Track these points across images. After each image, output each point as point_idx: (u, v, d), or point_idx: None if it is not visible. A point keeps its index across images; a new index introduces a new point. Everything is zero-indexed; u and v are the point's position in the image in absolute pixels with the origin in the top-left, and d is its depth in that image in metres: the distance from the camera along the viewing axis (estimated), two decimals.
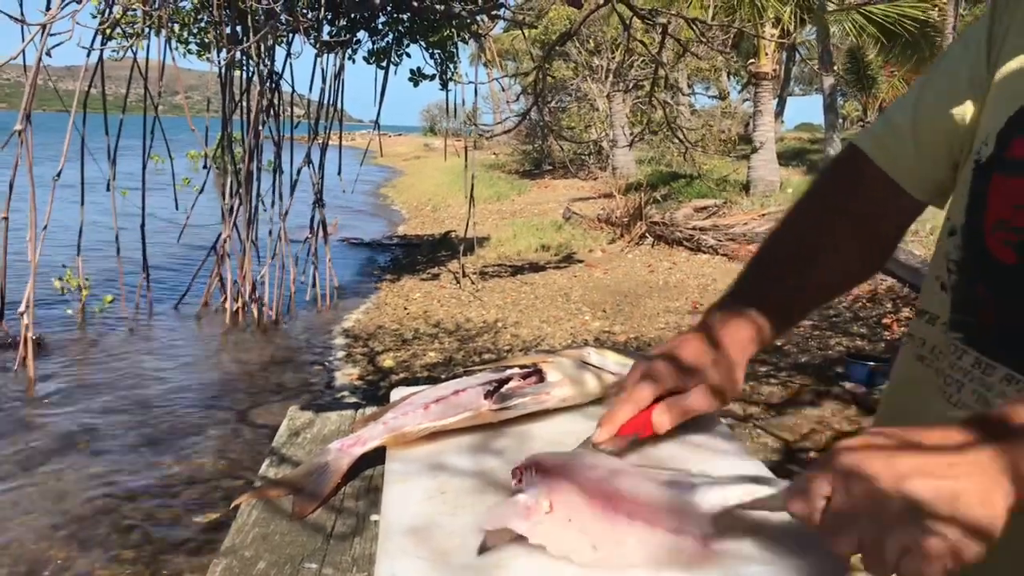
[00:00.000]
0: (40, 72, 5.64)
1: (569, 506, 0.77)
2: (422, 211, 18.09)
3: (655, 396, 0.95)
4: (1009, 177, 0.86)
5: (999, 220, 0.87)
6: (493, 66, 9.39)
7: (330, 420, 1.25)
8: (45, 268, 6.74)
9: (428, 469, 0.95)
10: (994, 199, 0.88)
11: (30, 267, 5.88)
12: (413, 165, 32.21)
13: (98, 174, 7.08)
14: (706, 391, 0.96)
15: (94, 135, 6.96)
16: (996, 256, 0.87)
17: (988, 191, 0.88)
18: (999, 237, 0.87)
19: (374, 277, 10.23)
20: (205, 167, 7.99)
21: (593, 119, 20.40)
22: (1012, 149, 0.87)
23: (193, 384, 6.05)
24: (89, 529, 3.81)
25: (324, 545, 0.86)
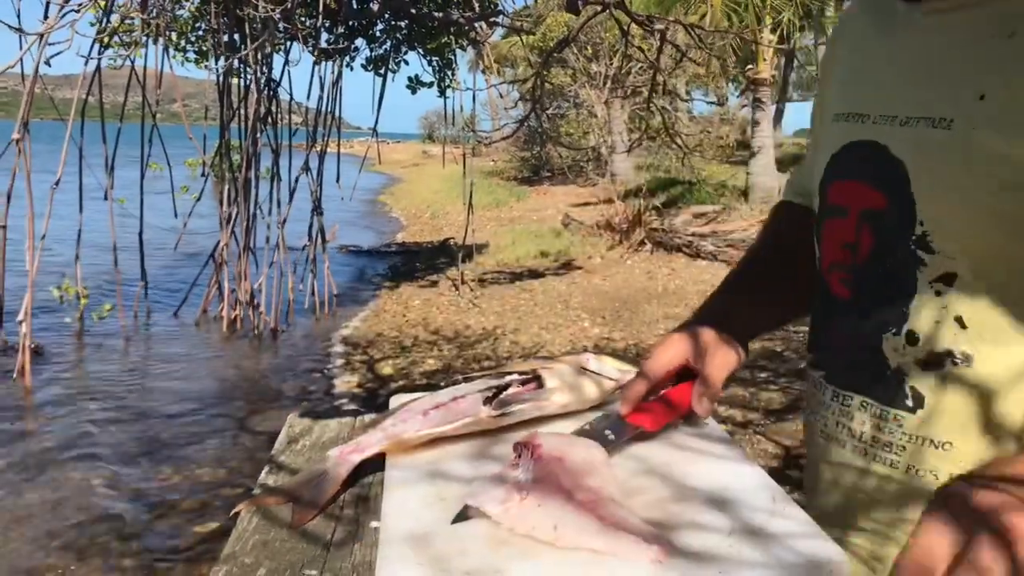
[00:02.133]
0: (38, 81, 5.65)
1: (542, 494, 0.80)
2: (421, 218, 18.10)
3: (668, 369, 1.01)
4: (834, 220, 0.96)
5: (833, 261, 0.97)
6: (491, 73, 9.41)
7: (329, 427, 1.25)
8: (44, 277, 6.74)
9: (427, 476, 0.95)
10: (827, 243, 0.98)
11: (28, 276, 5.87)
12: (411, 172, 32.24)
13: (96, 183, 7.08)
14: (725, 352, 1.01)
15: (92, 143, 6.96)
16: (835, 293, 0.97)
17: (823, 236, 0.99)
18: (835, 276, 0.96)
19: (373, 284, 10.23)
20: (203, 175, 7.99)
21: (591, 125, 20.43)
22: (830, 196, 0.97)
23: (192, 392, 6.05)
24: (88, 538, 3.80)
25: (324, 552, 0.85)
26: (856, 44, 1.02)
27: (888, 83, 0.92)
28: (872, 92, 0.94)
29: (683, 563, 0.72)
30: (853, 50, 1.02)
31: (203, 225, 8.77)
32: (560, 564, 0.74)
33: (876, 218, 0.90)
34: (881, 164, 0.89)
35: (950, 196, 0.83)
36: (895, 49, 0.93)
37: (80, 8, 4.89)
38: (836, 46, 1.09)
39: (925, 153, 0.85)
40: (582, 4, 4.87)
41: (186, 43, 8.36)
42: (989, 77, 0.81)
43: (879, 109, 0.91)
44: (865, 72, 0.97)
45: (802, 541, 0.76)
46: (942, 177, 0.84)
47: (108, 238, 7.59)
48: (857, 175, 0.93)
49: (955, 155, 0.82)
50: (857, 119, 0.94)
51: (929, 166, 0.85)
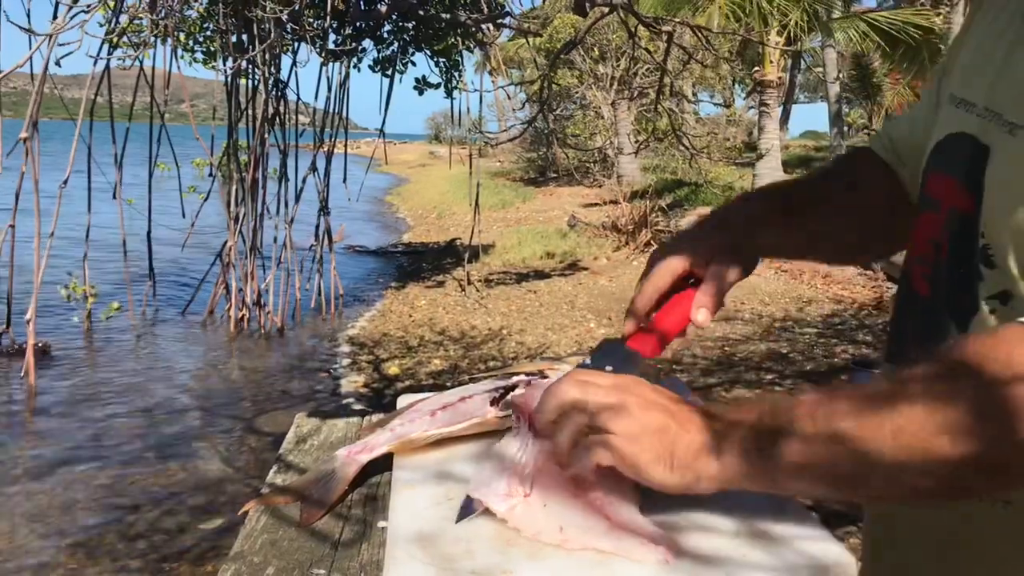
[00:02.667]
0: (46, 81, 5.67)
1: (547, 493, 0.81)
2: (427, 219, 18.11)
3: (672, 276, 0.96)
4: (926, 213, 0.91)
5: (919, 255, 0.92)
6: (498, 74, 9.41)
7: (337, 427, 1.25)
8: (52, 276, 6.76)
9: (435, 476, 0.95)
10: (918, 235, 0.92)
11: (36, 274, 5.89)
12: (418, 173, 32.26)
13: (105, 182, 7.10)
14: (730, 260, 0.96)
15: (101, 143, 6.98)
16: (916, 290, 0.92)
17: (917, 227, 0.93)
18: (918, 271, 0.91)
19: (379, 285, 10.24)
20: (211, 175, 8.02)
21: (598, 127, 20.42)
22: (928, 186, 0.92)
23: (199, 391, 6.06)
24: (96, 537, 3.81)
25: (332, 551, 0.86)
26: (989, 23, 0.91)
27: (996, 76, 0.84)
28: (981, 80, 0.86)
29: (690, 564, 0.73)
30: (985, 28, 0.92)
31: (211, 225, 8.79)
32: (567, 564, 0.74)
33: (961, 219, 0.84)
34: (974, 162, 0.82)
35: (1009, 208, 0.77)
36: (1007, 40, 0.85)
37: (89, 9, 4.91)
38: (977, 15, 0.96)
39: (1002, 157, 0.79)
40: (589, 6, 4.87)
41: (195, 43, 8.38)
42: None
43: (986, 100, 0.83)
44: (984, 56, 0.88)
45: (809, 543, 0.76)
46: (1004, 185, 0.78)
47: (116, 237, 7.61)
48: (951, 170, 0.87)
49: (1015, 163, 0.77)
50: (965, 107, 0.87)
51: (1000, 173, 0.79)
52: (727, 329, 7.22)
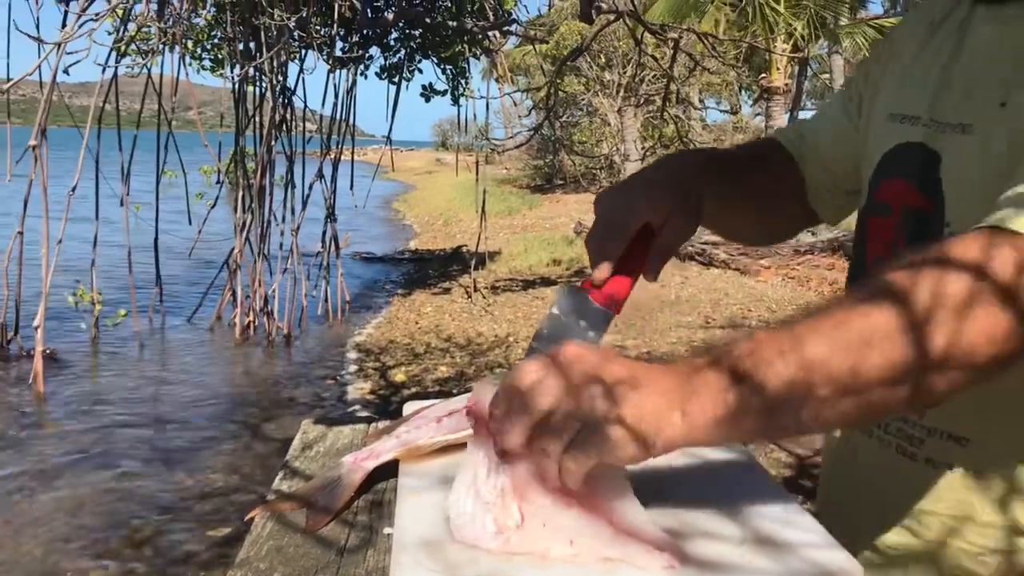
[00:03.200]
0: (55, 88, 5.70)
1: (542, 513, 0.77)
2: (434, 225, 18.13)
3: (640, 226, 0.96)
4: (879, 218, 1.00)
5: (877, 257, 0.99)
6: (505, 81, 9.43)
7: (343, 434, 1.25)
8: (59, 282, 6.78)
9: (441, 482, 0.95)
10: (872, 240, 1.01)
11: (44, 281, 5.92)
12: (425, 180, 32.31)
13: (112, 190, 7.12)
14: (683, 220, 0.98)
15: (108, 150, 7.01)
16: None
17: (867, 234, 1.02)
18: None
19: (386, 291, 10.25)
20: (218, 182, 8.04)
21: (604, 133, 20.43)
22: (878, 193, 1.01)
23: (205, 398, 6.07)
24: (102, 543, 3.82)
25: (337, 558, 0.86)
26: (916, 48, 1.04)
27: (936, 89, 0.95)
28: (920, 95, 0.97)
29: (695, 572, 0.73)
30: (913, 53, 1.04)
31: (218, 231, 8.82)
32: (572, 570, 0.74)
33: (917, 218, 0.94)
34: (926, 166, 0.93)
35: (973, 199, 0.85)
36: (944, 56, 0.96)
37: (98, 17, 4.93)
38: (896, 43, 1.09)
39: (955, 156, 0.90)
40: (596, 13, 4.88)
41: (202, 51, 8.42)
42: (1011, 86, 0.85)
43: (929, 113, 0.95)
44: (920, 76, 1.00)
45: (815, 551, 0.76)
46: (966, 180, 0.88)
47: (123, 244, 7.64)
48: (903, 174, 0.97)
49: (975, 159, 0.87)
50: (909, 120, 0.97)
51: (957, 169, 0.89)
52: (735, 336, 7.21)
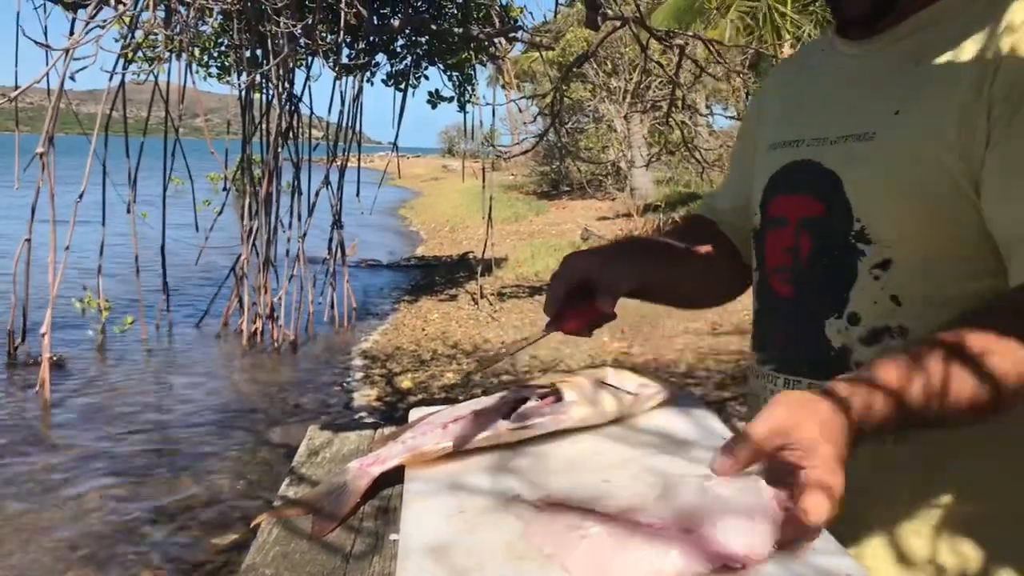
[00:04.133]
0: (63, 96, 5.72)
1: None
2: (440, 232, 18.14)
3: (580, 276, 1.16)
4: (776, 231, 1.12)
5: (775, 266, 1.13)
6: (511, 88, 9.45)
7: (349, 440, 1.25)
8: (67, 289, 6.80)
9: (447, 488, 0.95)
10: (770, 250, 1.14)
11: (51, 288, 5.93)
12: (431, 186, 32.35)
13: (119, 197, 7.15)
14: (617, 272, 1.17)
15: (115, 158, 7.04)
16: (778, 293, 1.12)
17: (765, 247, 1.15)
18: (778, 277, 1.12)
19: (392, 298, 10.25)
20: (225, 189, 8.06)
21: (611, 140, 20.43)
22: (772, 209, 1.14)
23: (212, 404, 6.08)
24: (108, 549, 3.82)
25: (343, 564, 0.86)
26: (787, 86, 1.24)
27: (817, 112, 1.11)
28: (804, 120, 1.12)
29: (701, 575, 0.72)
30: (784, 91, 1.23)
31: (224, 238, 8.84)
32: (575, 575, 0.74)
33: (814, 223, 1.07)
34: (817, 178, 1.06)
35: (880, 195, 1.00)
36: (822, 85, 1.13)
37: (105, 24, 4.96)
38: (768, 90, 1.31)
39: (855, 163, 1.02)
40: (601, 20, 4.88)
41: (209, 58, 8.45)
42: (901, 97, 1.00)
43: (811, 133, 1.09)
44: (796, 107, 1.17)
45: (819, 556, 0.75)
46: (871, 180, 1.01)
47: (130, 251, 7.66)
48: (795, 189, 1.11)
49: (879, 161, 1.00)
50: (792, 144, 1.12)
51: (859, 172, 1.02)
52: (742, 343, 7.20)
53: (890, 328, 1.01)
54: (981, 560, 0.99)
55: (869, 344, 1.02)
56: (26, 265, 6.17)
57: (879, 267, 1.01)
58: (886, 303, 1.01)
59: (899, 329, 1.00)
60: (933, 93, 0.97)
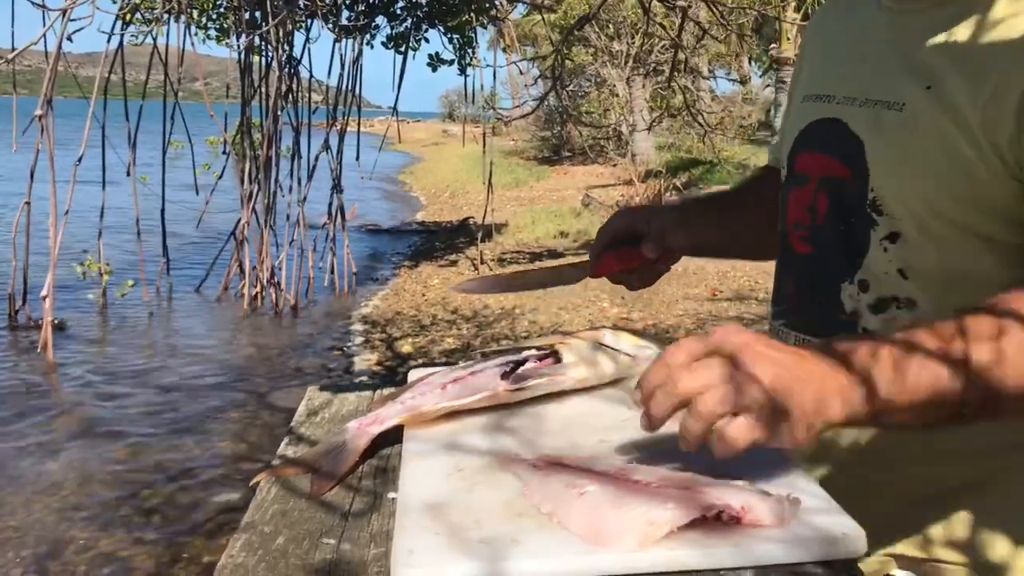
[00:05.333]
0: (60, 59, 5.67)
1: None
2: (440, 197, 18.09)
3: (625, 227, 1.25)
4: (798, 188, 1.11)
5: (796, 222, 1.11)
6: (512, 51, 9.37)
7: (348, 400, 1.26)
8: (67, 253, 6.80)
9: (445, 448, 0.96)
10: (791, 206, 1.12)
11: (51, 252, 5.93)
12: (431, 151, 32.22)
13: (119, 161, 7.12)
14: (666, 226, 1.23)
15: (114, 121, 6.99)
16: (797, 250, 1.11)
17: (788, 202, 1.13)
18: (797, 235, 1.11)
19: (392, 263, 10.25)
20: (224, 153, 8.02)
21: (612, 104, 20.31)
22: (796, 166, 1.13)
23: (213, 368, 6.10)
24: (111, 510, 3.85)
25: (342, 522, 0.86)
26: (828, 31, 1.20)
27: (852, 70, 1.07)
28: (837, 77, 1.09)
29: (699, 536, 0.73)
30: (826, 39, 1.20)
31: (224, 202, 8.81)
32: (575, 535, 0.74)
33: (834, 185, 1.05)
34: (842, 139, 1.04)
35: (898, 167, 0.98)
36: (860, 38, 1.09)
37: None
38: (812, 32, 1.27)
39: (879, 130, 1.00)
40: None
41: (208, 20, 8.37)
42: (936, 72, 0.96)
43: (843, 91, 1.07)
44: (833, 59, 1.14)
45: (818, 516, 0.76)
46: (892, 151, 0.99)
47: (130, 215, 7.64)
48: (820, 148, 1.09)
49: (904, 133, 0.97)
50: (823, 99, 1.10)
51: (882, 141, 1.00)
52: (742, 308, 7.22)
53: (897, 299, 1.00)
54: (976, 527, 0.99)
55: (876, 312, 1.02)
56: (26, 228, 6.16)
57: (888, 239, 1.00)
58: (894, 275, 1.00)
59: (907, 301, 1.00)
60: (964, 75, 0.93)
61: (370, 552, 0.79)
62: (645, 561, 0.71)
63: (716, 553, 0.71)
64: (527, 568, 0.70)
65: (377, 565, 0.77)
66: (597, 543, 0.72)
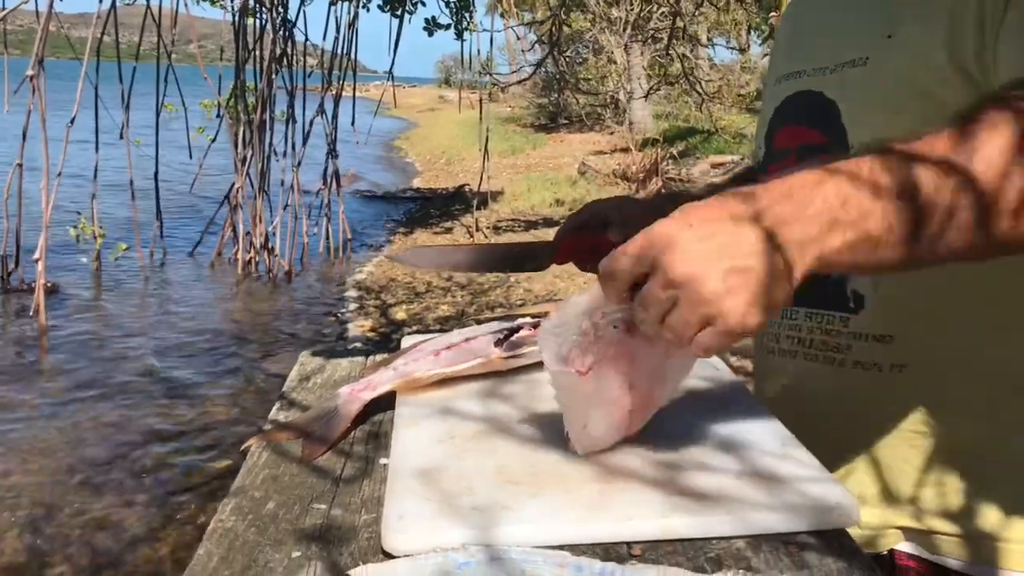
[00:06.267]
0: (52, 18, 5.61)
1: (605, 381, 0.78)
2: (436, 164, 18.01)
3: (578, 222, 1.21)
4: (779, 163, 1.11)
5: None
6: (509, 15, 9.28)
7: (340, 366, 1.25)
8: (60, 216, 6.76)
9: (438, 414, 0.95)
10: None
11: (44, 214, 5.89)
12: (427, 117, 32.03)
13: (112, 123, 7.06)
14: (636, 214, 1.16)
15: (107, 83, 6.92)
16: None
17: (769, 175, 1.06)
18: None
19: (387, 230, 10.22)
20: (218, 116, 7.96)
21: (610, 71, 20.17)
22: (776, 142, 1.14)
23: (207, 332, 6.09)
24: (104, 474, 3.86)
25: (333, 487, 0.86)
26: (796, 14, 1.23)
27: (818, 40, 1.10)
28: (806, 50, 1.12)
29: (692, 503, 0.73)
30: (795, 22, 1.22)
31: (218, 166, 8.75)
32: (567, 500, 0.74)
33: (813, 152, 1.04)
34: (817, 107, 1.05)
35: (872, 119, 0.98)
36: (823, 9, 1.12)
37: None
38: (783, 23, 1.28)
39: (850, 89, 1.01)
40: None
41: None
42: (895, 18, 0.97)
43: (812, 63, 1.08)
44: (801, 37, 1.17)
45: (811, 485, 0.76)
46: (864, 105, 1.00)
47: (124, 178, 7.59)
48: (797, 120, 1.10)
49: (871, 85, 0.98)
50: (796, 76, 1.11)
51: (853, 99, 1.01)
52: None
53: None
54: (969, 496, 0.99)
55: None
56: (18, 190, 6.11)
57: None
58: None
59: None
60: (923, 14, 0.94)
61: (361, 517, 0.79)
62: (637, 529, 0.71)
63: (709, 522, 0.71)
64: (519, 534, 0.70)
65: (368, 531, 0.76)
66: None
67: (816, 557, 0.69)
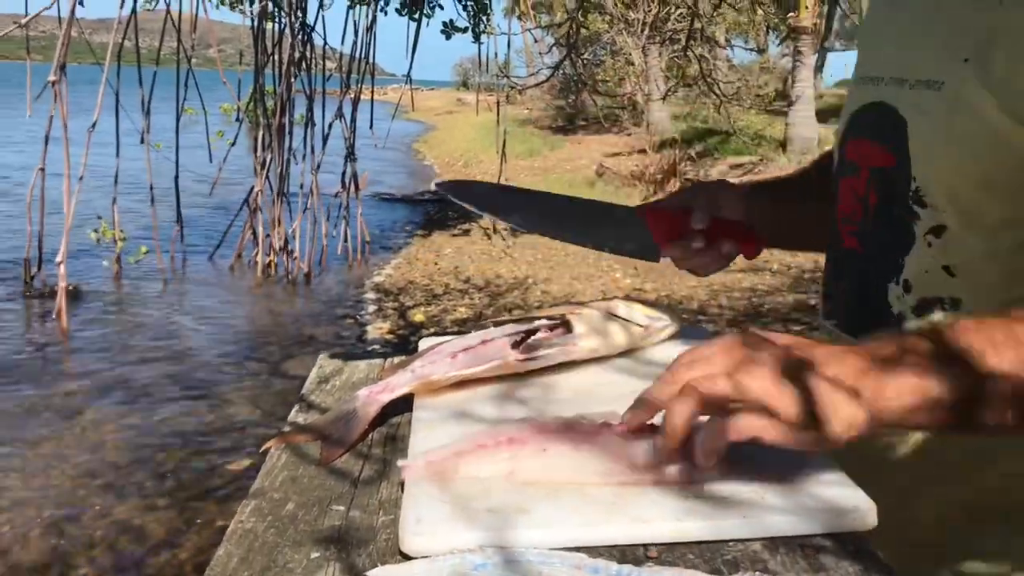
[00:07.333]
0: (73, 24, 5.66)
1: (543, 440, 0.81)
2: (454, 166, 18.04)
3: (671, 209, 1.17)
4: (848, 177, 1.03)
5: (845, 215, 1.04)
6: (527, 18, 9.29)
7: (359, 368, 1.26)
8: (81, 220, 6.82)
9: (454, 417, 0.95)
10: (843, 197, 1.04)
11: (66, 218, 5.95)
12: (445, 120, 32.08)
13: (132, 127, 7.12)
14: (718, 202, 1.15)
15: (128, 88, 6.98)
16: (846, 245, 1.04)
17: (839, 192, 1.06)
18: (846, 229, 1.04)
19: (405, 232, 10.25)
20: (238, 120, 8.01)
21: (628, 73, 20.14)
22: (847, 153, 1.05)
23: (226, 335, 6.13)
24: (125, 476, 3.89)
25: (351, 489, 0.86)
26: (882, 9, 1.09)
27: (900, 45, 0.99)
28: (886, 56, 1.01)
29: (708, 507, 0.73)
30: (878, 15, 1.10)
31: (238, 170, 8.81)
32: (584, 503, 0.74)
33: (883, 175, 0.97)
34: (890, 124, 0.95)
35: (938, 152, 0.89)
36: (913, 8, 1.00)
37: None
38: (875, 3, 1.15)
39: (922, 113, 0.91)
40: None
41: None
42: (975, 42, 0.86)
43: (891, 71, 0.98)
44: (883, 36, 1.05)
45: (828, 488, 0.75)
46: (932, 135, 0.90)
47: (144, 182, 7.65)
48: (869, 134, 1.01)
49: (942, 114, 0.88)
50: (873, 82, 1.01)
51: (923, 125, 0.91)
52: (755, 280, 7.19)
53: (941, 299, 0.92)
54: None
55: (919, 315, 0.94)
56: (40, 194, 6.18)
57: (932, 233, 0.91)
58: (938, 273, 0.92)
59: (951, 301, 0.91)
60: (1007, 42, 0.83)
61: (379, 519, 0.79)
62: (654, 531, 0.71)
63: (723, 525, 0.71)
64: (535, 537, 0.70)
65: (386, 532, 0.77)
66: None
67: (833, 560, 0.68)
